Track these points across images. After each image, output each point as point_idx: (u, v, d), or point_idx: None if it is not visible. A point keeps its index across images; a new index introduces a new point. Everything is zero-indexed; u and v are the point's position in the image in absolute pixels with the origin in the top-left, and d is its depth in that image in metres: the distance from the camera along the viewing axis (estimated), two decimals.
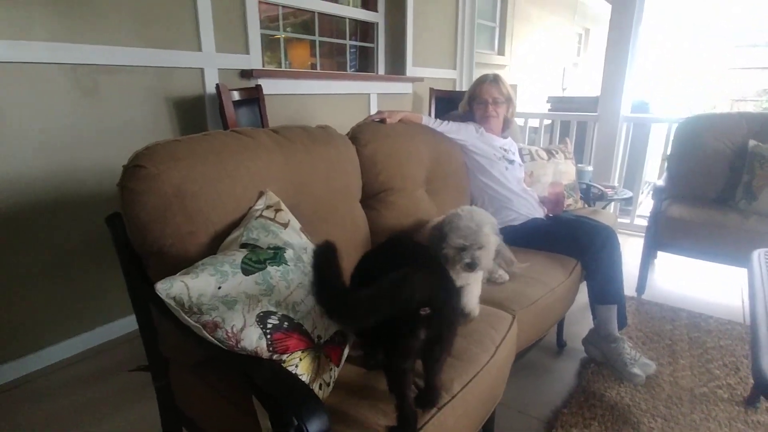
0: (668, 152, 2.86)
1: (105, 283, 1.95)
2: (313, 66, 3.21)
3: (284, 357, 0.85)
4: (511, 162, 1.97)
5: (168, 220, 0.99)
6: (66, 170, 1.79)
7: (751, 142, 2.31)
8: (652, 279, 2.60)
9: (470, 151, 1.97)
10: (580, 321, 2.06)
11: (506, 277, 1.51)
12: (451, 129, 1.95)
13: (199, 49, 2.14)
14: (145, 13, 1.93)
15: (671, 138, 2.92)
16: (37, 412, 1.56)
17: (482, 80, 2.05)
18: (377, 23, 3.47)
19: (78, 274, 1.87)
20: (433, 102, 3.44)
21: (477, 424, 1.09)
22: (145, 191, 0.96)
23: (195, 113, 2.20)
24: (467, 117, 2.09)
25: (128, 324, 2.03)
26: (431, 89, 3.48)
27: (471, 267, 1.21)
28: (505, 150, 2.00)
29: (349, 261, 1.41)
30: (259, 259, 0.90)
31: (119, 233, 1.03)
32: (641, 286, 2.42)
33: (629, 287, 2.37)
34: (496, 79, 2.03)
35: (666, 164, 2.76)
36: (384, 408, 0.89)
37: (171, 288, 0.77)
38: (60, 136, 1.76)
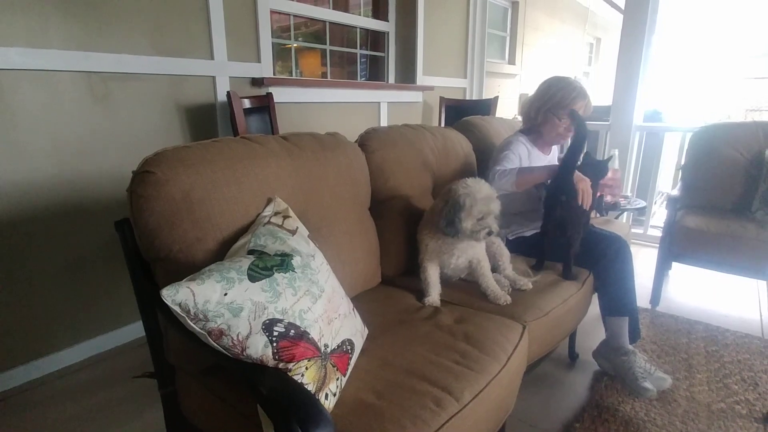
0: (682, 162, 2.82)
1: (115, 289, 1.96)
2: (324, 75, 3.23)
3: (290, 365, 0.84)
4: (537, 187, 1.82)
5: (176, 226, 0.99)
6: (78, 176, 1.81)
7: None
8: (667, 290, 2.55)
9: None
10: (593, 333, 2.02)
11: (530, 285, 1.48)
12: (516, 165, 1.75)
13: (211, 58, 2.17)
14: (159, 21, 1.96)
15: (685, 147, 2.88)
16: (43, 417, 1.56)
17: (580, 95, 1.72)
18: (388, 33, 3.49)
19: (88, 280, 1.88)
20: (443, 111, 3.44)
21: None
22: (154, 197, 0.97)
23: (206, 121, 2.21)
24: (530, 127, 1.89)
25: (137, 329, 2.03)
26: (441, 98, 3.48)
27: (490, 234, 1.33)
28: None
29: (357, 268, 1.41)
30: (266, 265, 0.89)
31: (128, 239, 1.03)
32: (656, 297, 2.36)
33: (643, 299, 2.33)
34: (587, 96, 1.75)
35: (680, 174, 2.71)
36: (389, 419, 0.87)
37: (176, 294, 0.76)
38: (73, 143, 1.78)
